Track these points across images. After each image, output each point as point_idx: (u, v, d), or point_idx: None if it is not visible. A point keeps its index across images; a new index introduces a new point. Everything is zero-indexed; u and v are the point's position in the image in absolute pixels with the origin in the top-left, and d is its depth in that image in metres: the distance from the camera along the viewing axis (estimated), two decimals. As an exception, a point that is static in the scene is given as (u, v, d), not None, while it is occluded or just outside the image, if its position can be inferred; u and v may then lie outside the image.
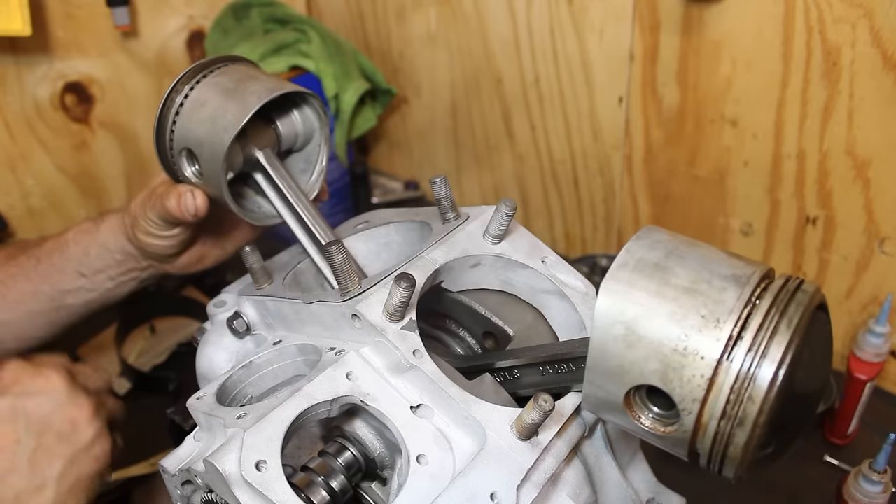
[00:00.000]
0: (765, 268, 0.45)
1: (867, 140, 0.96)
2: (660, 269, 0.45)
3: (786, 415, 0.42)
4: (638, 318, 0.44)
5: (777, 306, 0.42)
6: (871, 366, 0.96)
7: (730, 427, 0.42)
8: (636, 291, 0.45)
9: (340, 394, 0.56)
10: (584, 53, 1.21)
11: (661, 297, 0.44)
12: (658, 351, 0.43)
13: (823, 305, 0.45)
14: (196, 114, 0.70)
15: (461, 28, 1.38)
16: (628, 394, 0.46)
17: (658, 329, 0.43)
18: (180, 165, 0.74)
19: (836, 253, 1.07)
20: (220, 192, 0.71)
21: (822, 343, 0.46)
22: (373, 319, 0.58)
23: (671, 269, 0.45)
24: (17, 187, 1.31)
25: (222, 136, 0.68)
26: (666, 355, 0.43)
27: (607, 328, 0.45)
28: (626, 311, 0.44)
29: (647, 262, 0.46)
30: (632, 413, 0.47)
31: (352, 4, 1.57)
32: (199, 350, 0.74)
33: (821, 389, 0.47)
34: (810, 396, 0.45)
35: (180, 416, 0.86)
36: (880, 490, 0.83)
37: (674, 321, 0.43)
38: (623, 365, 0.45)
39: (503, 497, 0.52)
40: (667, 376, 0.43)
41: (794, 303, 0.43)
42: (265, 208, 0.79)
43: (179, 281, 1.39)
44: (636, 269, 0.46)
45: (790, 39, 0.97)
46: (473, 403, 0.55)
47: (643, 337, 0.44)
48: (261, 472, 0.50)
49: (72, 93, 1.33)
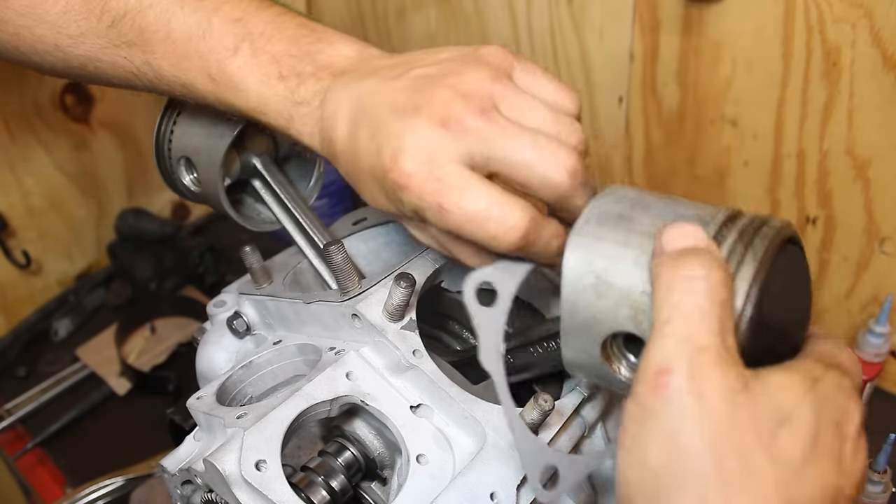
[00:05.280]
0: (732, 209, 0.45)
1: (867, 140, 0.96)
2: (625, 220, 0.45)
3: (762, 347, 0.41)
4: (606, 268, 0.44)
5: (742, 240, 0.42)
6: (871, 366, 0.96)
7: None
8: (602, 243, 0.45)
9: (340, 393, 0.56)
10: (584, 53, 1.21)
11: (626, 245, 0.44)
12: (627, 297, 0.43)
13: (794, 239, 0.45)
14: (193, 122, 0.71)
15: (461, 28, 1.38)
16: (605, 346, 0.46)
17: (626, 275, 0.44)
18: (179, 174, 0.74)
19: (836, 253, 1.07)
20: (218, 200, 0.71)
21: (795, 274, 0.45)
22: (373, 319, 0.58)
23: (636, 219, 0.45)
24: (17, 187, 1.31)
25: (218, 143, 0.69)
26: (635, 300, 0.43)
27: (577, 281, 0.45)
28: (594, 263, 0.45)
29: (612, 215, 0.46)
30: (610, 365, 0.46)
31: (352, 4, 1.57)
32: (198, 350, 0.74)
33: (801, 320, 0.46)
34: (788, 327, 0.44)
35: (180, 416, 0.86)
36: (880, 490, 0.83)
37: (639, 266, 0.43)
38: (595, 315, 0.45)
39: (503, 497, 0.52)
40: (637, 320, 0.43)
41: (759, 236, 0.43)
42: (264, 214, 0.79)
43: (179, 281, 1.39)
44: (600, 223, 0.46)
45: (790, 39, 0.97)
46: (473, 403, 0.55)
47: (612, 285, 0.44)
48: (261, 471, 0.50)
49: (72, 93, 1.33)
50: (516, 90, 0.51)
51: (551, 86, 0.53)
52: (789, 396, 0.38)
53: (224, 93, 0.60)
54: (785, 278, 0.43)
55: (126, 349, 1.29)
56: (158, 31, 0.61)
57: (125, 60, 0.64)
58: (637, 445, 0.38)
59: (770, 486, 0.36)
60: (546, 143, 0.49)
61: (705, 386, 0.37)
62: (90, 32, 0.64)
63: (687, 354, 0.37)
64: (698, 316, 0.38)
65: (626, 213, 0.46)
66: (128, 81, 0.66)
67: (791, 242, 0.45)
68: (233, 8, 0.60)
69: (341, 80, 0.55)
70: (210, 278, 1.39)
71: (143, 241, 1.38)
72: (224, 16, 0.59)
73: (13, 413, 1.17)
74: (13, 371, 1.25)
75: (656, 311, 0.40)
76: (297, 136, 0.58)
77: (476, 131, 0.48)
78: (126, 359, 1.24)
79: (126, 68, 0.65)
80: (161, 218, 1.47)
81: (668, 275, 0.40)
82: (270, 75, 0.57)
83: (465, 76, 0.50)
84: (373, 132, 0.52)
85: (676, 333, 0.38)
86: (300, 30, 0.59)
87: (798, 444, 0.37)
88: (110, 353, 1.25)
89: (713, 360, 0.37)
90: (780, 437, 0.36)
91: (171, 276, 1.38)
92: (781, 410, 0.37)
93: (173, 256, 1.38)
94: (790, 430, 0.37)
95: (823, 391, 0.39)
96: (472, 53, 0.53)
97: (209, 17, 0.60)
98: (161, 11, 0.61)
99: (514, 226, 0.48)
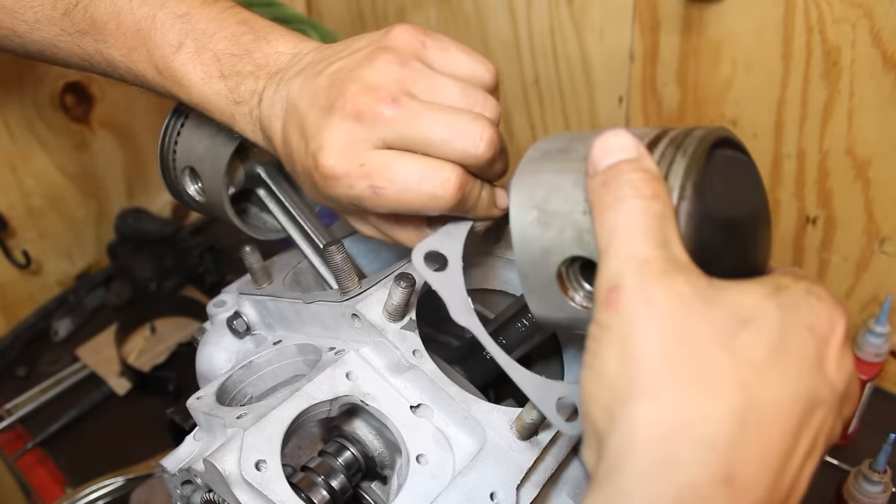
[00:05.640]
0: (667, 127, 0.45)
1: (867, 140, 0.96)
2: (563, 151, 0.46)
3: (716, 247, 0.41)
4: (547, 197, 0.45)
5: (673, 144, 0.42)
6: (871, 366, 0.96)
7: None
8: (541, 176, 0.46)
9: (340, 393, 0.56)
10: (584, 53, 1.21)
11: (564, 171, 0.45)
12: (570, 219, 0.44)
13: (730, 140, 0.45)
14: (197, 132, 0.71)
15: (461, 28, 1.38)
16: (561, 277, 0.46)
17: (566, 199, 0.44)
18: (184, 184, 0.74)
19: (836, 253, 1.07)
20: (222, 209, 0.71)
21: (738, 170, 0.45)
22: (372, 319, 0.58)
23: (573, 148, 0.46)
24: (17, 187, 1.31)
25: (221, 152, 0.69)
26: (577, 220, 0.43)
27: (522, 220, 0.46)
28: (535, 195, 0.45)
29: (551, 150, 0.47)
30: (571, 299, 0.46)
31: (352, 4, 1.57)
32: (198, 350, 0.74)
33: (754, 214, 0.45)
34: (742, 227, 0.44)
35: (180, 416, 0.86)
36: (880, 490, 0.83)
37: (578, 187, 0.44)
38: (544, 246, 0.45)
39: (503, 497, 0.52)
40: (583, 241, 0.43)
41: (690, 137, 0.43)
42: (269, 223, 0.79)
43: (179, 281, 1.39)
44: (540, 159, 0.47)
45: (790, 39, 0.97)
46: (473, 403, 0.55)
47: (555, 212, 0.44)
48: (261, 471, 0.50)
49: (72, 93, 1.33)
50: (426, 71, 0.53)
51: (465, 59, 0.55)
52: (750, 299, 0.37)
53: (170, 87, 0.62)
54: (726, 174, 0.43)
55: (126, 349, 1.29)
56: (109, 22, 0.63)
57: (79, 48, 0.66)
58: (595, 361, 0.38)
59: (729, 385, 0.34)
60: (459, 119, 0.51)
61: (654, 294, 0.36)
62: (45, 20, 0.66)
63: (633, 270, 0.37)
64: (635, 233, 0.38)
65: (564, 146, 0.47)
66: (84, 67, 0.68)
67: (727, 143, 0.45)
68: (179, 3, 0.61)
69: (275, 80, 0.57)
70: (210, 278, 1.39)
71: (143, 241, 1.38)
72: (169, 11, 0.61)
73: (13, 413, 1.17)
74: (13, 371, 1.25)
75: (597, 238, 0.40)
76: (242, 132, 0.61)
77: (389, 119, 0.50)
78: (126, 359, 1.24)
79: (81, 56, 0.67)
80: (161, 218, 1.46)
81: (600, 200, 0.40)
82: (212, 74, 0.59)
83: (375, 65, 0.52)
84: (300, 132, 0.54)
85: (619, 254, 0.38)
86: (241, 27, 0.61)
87: (761, 343, 0.35)
88: (110, 353, 1.25)
89: (659, 270, 0.37)
90: (740, 337, 0.35)
91: (171, 276, 1.38)
92: (741, 313, 0.36)
93: (173, 256, 1.38)
94: (752, 331, 0.35)
95: (791, 295, 0.37)
96: (383, 39, 0.55)
97: (155, 12, 0.61)
98: (111, 3, 0.63)
99: (449, 178, 0.51)
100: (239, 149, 0.69)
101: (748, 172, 0.46)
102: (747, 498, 0.33)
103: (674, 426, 0.34)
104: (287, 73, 0.57)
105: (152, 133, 1.46)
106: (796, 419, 0.35)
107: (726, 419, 0.34)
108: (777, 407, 0.34)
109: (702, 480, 0.33)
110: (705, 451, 0.33)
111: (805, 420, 0.35)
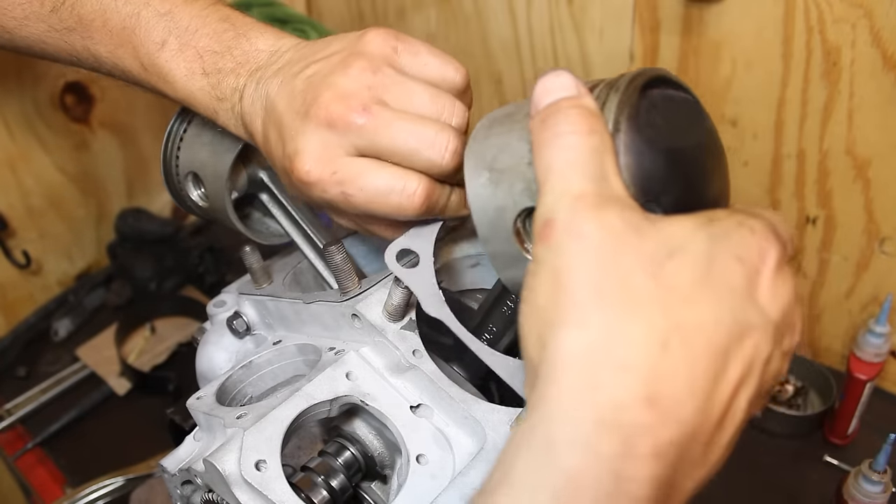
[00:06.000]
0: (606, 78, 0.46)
1: (867, 140, 0.96)
2: (510, 115, 0.47)
3: (654, 174, 0.42)
4: (495, 156, 0.46)
5: (608, 86, 0.43)
6: (871, 366, 0.96)
7: None
8: (490, 139, 0.47)
9: (340, 393, 0.56)
10: (584, 53, 1.21)
11: (510, 131, 0.46)
12: (517, 171, 0.44)
13: (667, 78, 0.46)
14: (199, 137, 0.71)
15: (461, 28, 1.38)
16: (517, 234, 0.46)
17: (511, 154, 0.45)
18: (187, 190, 0.74)
19: (836, 253, 1.07)
20: (225, 214, 0.71)
21: (677, 105, 0.46)
22: (372, 319, 0.58)
23: (519, 111, 0.47)
24: (17, 187, 1.31)
25: (224, 157, 0.69)
26: (524, 172, 0.44)
27: (475, 182, 0.47)
28: (485, 157, 0.46)
29: (498, 116, 0.48)
30: (525, 249, 0.46)
31: (352, 4, 1.57)
32: (198, 350, 0.74)
33: (698, 145, 0.46)
34: (681, 152, 0.44)
35: (180, 416, 0.86)
36: (880, 490, 0.84)
37: (523, 140, 0.44)
38: (497, 205, 0.46)
39: (503, 497, 0.52)
40: (532, 190, 0.44)
41: (623, 78, 0.43)
42: (272, 228, 0.79)
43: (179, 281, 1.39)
44: (489, 126, 0.48)
45: (790, 39, 0.97)
46: (473, 403, 0.55)
47: (503, 169, 0.45)
48: (260, 471, 0.50)
49: (72, 93, 1.33)
50: (396, 78, 0.55)
51: (435, 62, 0.57)
52: (680, 230, 0.37)
53: (155, 82, 0.64)
54: (664, 108, 0.44)
55: (126, 349, 1.29)
56: (95, 19, 0.64)
57: (67, 45, 0.68)
58: (530, 294, 0.38)
59: (653, 309, 0.34)
60: (426, 131, 0.53)
61: (585, 227, 0.36)
62: (33, 16, 0.68)
63: (566, 205, 0.38)
64: (570, 168, 0.39)
65: (510, 111, 0.48)
66: (73, 63, 0.70)
67: (666, 82, 0.45)
68: (162, 1, 0.63)
69: (255, 77, 0.59)
70: (210, 278, 1.39)
71: (143, 241, 1.38)
72: (153, 9, 0.63)
73: (13, 413, 1.17)
74: (13, 371, 1.25)
75: (536, 175, 0.40)
76: (225, 127, 0.63)
77: (360, 128, 0.53)
78: (126, 359, 1.24)
79: (69, 52, 0.68)
80: (161, 218, 1.47)
81: (538, 138, 0.41)
82: (195, 71, 0.61)
83: (348, 71, 0.54)
84: (278, 134, 0.56)
85: (555, 189, 0.38)
86: (223, 24, 0.62)
87: (687, 271, 0.36)
88: (110, 353, 1.25)
89: (593, 203, 0.37)
90: (667, 266, 0.36)
91: (171, 276, 1.38)
92: (670, 243, 0.36)
93: (173, 256, 1.38)
94: (679, 260, 0.36)
95: (721, 227, 0.38)
96: (356, 44, 0.56)
97: (139, 10, 0.63)
98: (97, 1, 0.64)
99: (416, 191, 0.53)
100: (241, 154, 0.69)
101: (689, 107, 0.47)
102: (671, 418, 0.33)
103: (597, 351, 0.34)
104: (266, 71, 0.59)
105: (152, 133, 1.46)
106: (722, 343, 0.35)
107: (648, 342, 0.34)
108: (701, 331, 0.35)
109: (623, 402, 0.33)
110: (626, 374, 0.34)
111: (733, 345, 0.35)
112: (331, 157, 0.54)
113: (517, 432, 0.37)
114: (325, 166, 0.53)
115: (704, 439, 0.35)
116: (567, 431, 0.34)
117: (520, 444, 0.36)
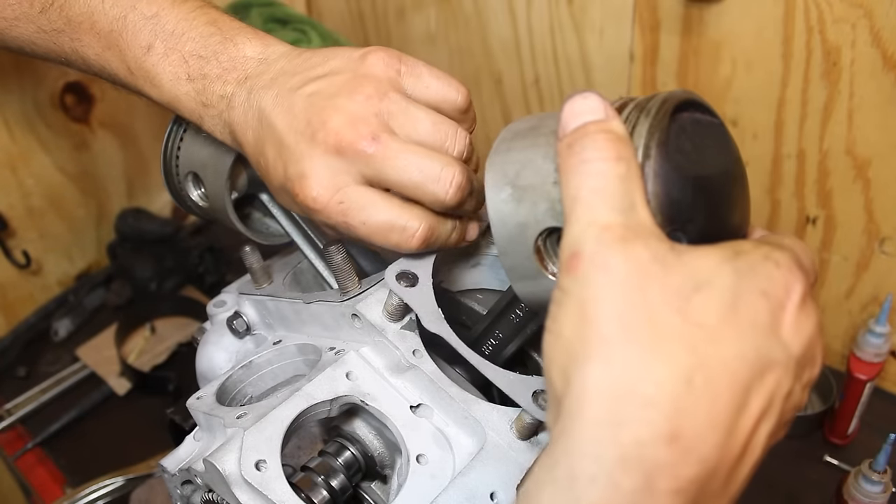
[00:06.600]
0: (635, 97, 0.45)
1: (867, 140, 0.96)
2: (533, 129, 0.46)
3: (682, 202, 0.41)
4: (518, 172, 0.45)
5: (638, 108, 0.43)
6: (871, 366, 0.96)
7: None
8: (512, 153, 0.46)
9: (340, 393, 0.56)
10: (584, 53, 1.21)
11: (534, 146, 0.45)
12: (542, 191, 0.44)
13: (696, 102, 0.45)
14: (199, 137, 0.71)
15: (461, 28, 1.38)
16: (539, 253, 0.46)
17: (536, 172, 0.44)
18: (187, 190, 0.74)
19: (836, 253, 1.07)
20: (226, 214, 0.71)
21: (705, 130, 0.45)
22: (372, 319, 0.58)
23: (544, 125, 0.46)
24: (17, 187, 1.31)
25: (224, 157, 0.69)
26: (548, 191, 0.44)
27: (497, 198, 0.46)
28: (508, 172, 0.46)
29: (521, 129, 0.47)
30: (545, 268, 0.46)
31: (352, 4, 1.57)
32: (198, 350, 0.74)
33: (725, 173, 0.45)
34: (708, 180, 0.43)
35: (180, 416, 0.86)
36: (880, 490, 0.84)
37: (548, 159, 0.44)
38: (519, 221, 0.45)
39: (503, 497, 0.52)
40: (555, 210, 0.43)
41: (654, 100, 0.43)
42: (272, 228, 0.79)
43: (179, 281, 1.39)
44: (511, 139, 0.47)
45: (790, 39, 0.97)
46: (473, 403, 0.55)
47: (527, 186, 0.45)
48: (260, 471, 0.50)
49: (72, 93, 1.33)
50: (401, 104, 0.55)
51: (437, 84, 0.58)
52: (707, 264, 0.37)
53: (142, 86, 0.64)
54: (692, 134, 0.43)
55: (126, 349, 1.29)
56: (83, 22, 0.65)
57: (56, 46, 0.68)
58: (555, 324, 0.38)
59: (678, 346, 0.34)
60: (432, 165, 0.54)
61: (612, 260, 0.36)
62: (23, 17, 0.68)
63: (593, 236, 0.37)
64: (596, 197, 0.38)
65: (535, 124, 0.47)
66: (63, 63, 0.70)
67: (694, 105, 0.45)
68: (149, 4, 0.63)
69: (245, 87, 0.59)
70: (210, 278, 1.39)
71: (143, 241, 1.38)
72: (140, 13, 0.63)
73: (13, 413, 1.17)
74: (13, 371, 1.25)
75: (563, 203, 0.40)
76: (210, 132, 0.63)
77: (369, 157, 0.53)
78: (126, 359, 1.24)
79: (58, 53, 0.69)
80: (161, 218, 1.46)
81: (565, 163, 0.40)
82: (180, 76, 0.61)
83: (355, 95, 0.54)
84: (277, 152, 0.56)
85: (581, 219, 0.38)
86: (209, 28, 0.62)
87: (713, 307, 0.35)
88: (110, 353, 1.25)
89: (620, 236, 0.37)
90: (693, 301, 0.35)
91: (171, 276, 1.38)
92: (697, 277, 0.36)
93: (173, 256, 1.38)
94: (705, 295, 0.36)
95: (747, 260, 0.37)
96: (360, 66, 0.56)
97: (126, 14, 0.63)
98: (85, 3, 0.64)
99: (414, 234, 0.55)
100: (241, 154, 0.69)
101: (717, 132, 0.46)
102: (693, 456, 0.34)
103: (622, 387, 0.34)
104: (258, 81, 0.58)
105: (152, 133, 1.46)
106: (745, 379, 0.35)
107: (672, 378, 0.34)
108: (725, 367, 0.35)
109: (645, 439, 0.33)
110: (650, 411, 0.34)
111: (756, 381, 0.35)
112: (338, 186, 0.54)
113: (540, 465, 0.37)
114: (333, 195, 0.54)
115: (724, 474, 0.35)
116: (589, 467, 0.34)
117: (544, 480, 0.36)
